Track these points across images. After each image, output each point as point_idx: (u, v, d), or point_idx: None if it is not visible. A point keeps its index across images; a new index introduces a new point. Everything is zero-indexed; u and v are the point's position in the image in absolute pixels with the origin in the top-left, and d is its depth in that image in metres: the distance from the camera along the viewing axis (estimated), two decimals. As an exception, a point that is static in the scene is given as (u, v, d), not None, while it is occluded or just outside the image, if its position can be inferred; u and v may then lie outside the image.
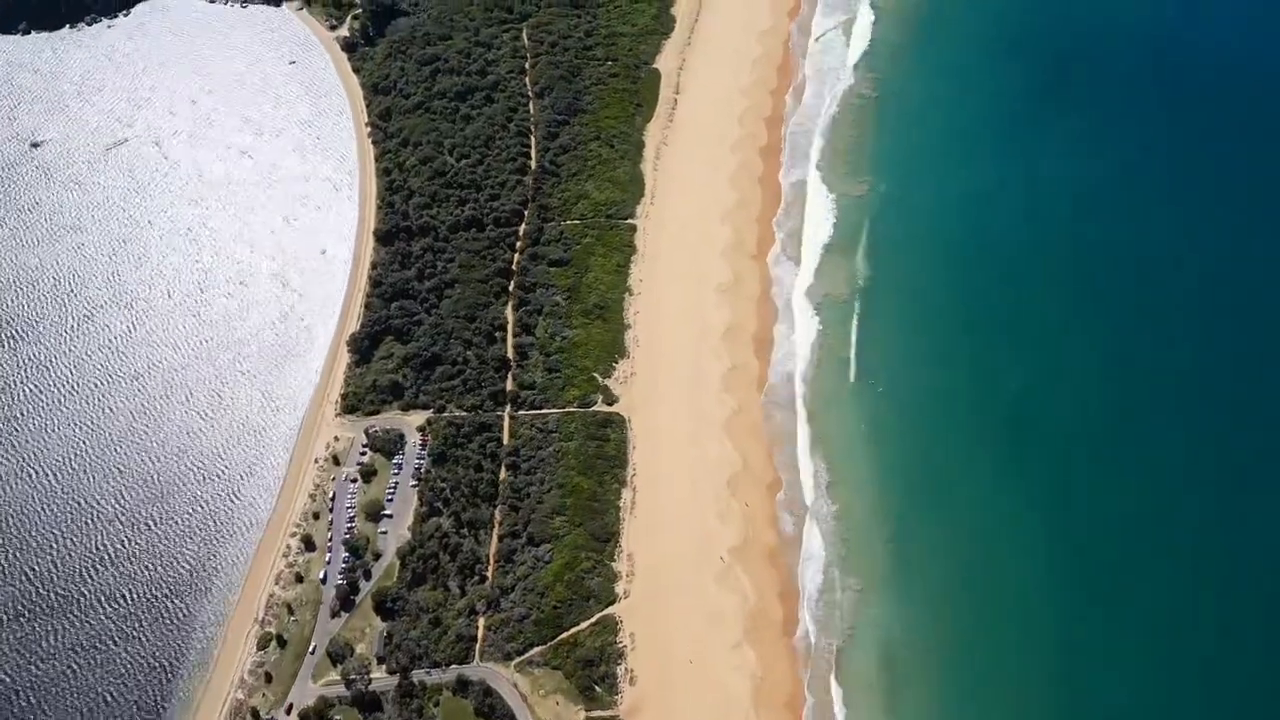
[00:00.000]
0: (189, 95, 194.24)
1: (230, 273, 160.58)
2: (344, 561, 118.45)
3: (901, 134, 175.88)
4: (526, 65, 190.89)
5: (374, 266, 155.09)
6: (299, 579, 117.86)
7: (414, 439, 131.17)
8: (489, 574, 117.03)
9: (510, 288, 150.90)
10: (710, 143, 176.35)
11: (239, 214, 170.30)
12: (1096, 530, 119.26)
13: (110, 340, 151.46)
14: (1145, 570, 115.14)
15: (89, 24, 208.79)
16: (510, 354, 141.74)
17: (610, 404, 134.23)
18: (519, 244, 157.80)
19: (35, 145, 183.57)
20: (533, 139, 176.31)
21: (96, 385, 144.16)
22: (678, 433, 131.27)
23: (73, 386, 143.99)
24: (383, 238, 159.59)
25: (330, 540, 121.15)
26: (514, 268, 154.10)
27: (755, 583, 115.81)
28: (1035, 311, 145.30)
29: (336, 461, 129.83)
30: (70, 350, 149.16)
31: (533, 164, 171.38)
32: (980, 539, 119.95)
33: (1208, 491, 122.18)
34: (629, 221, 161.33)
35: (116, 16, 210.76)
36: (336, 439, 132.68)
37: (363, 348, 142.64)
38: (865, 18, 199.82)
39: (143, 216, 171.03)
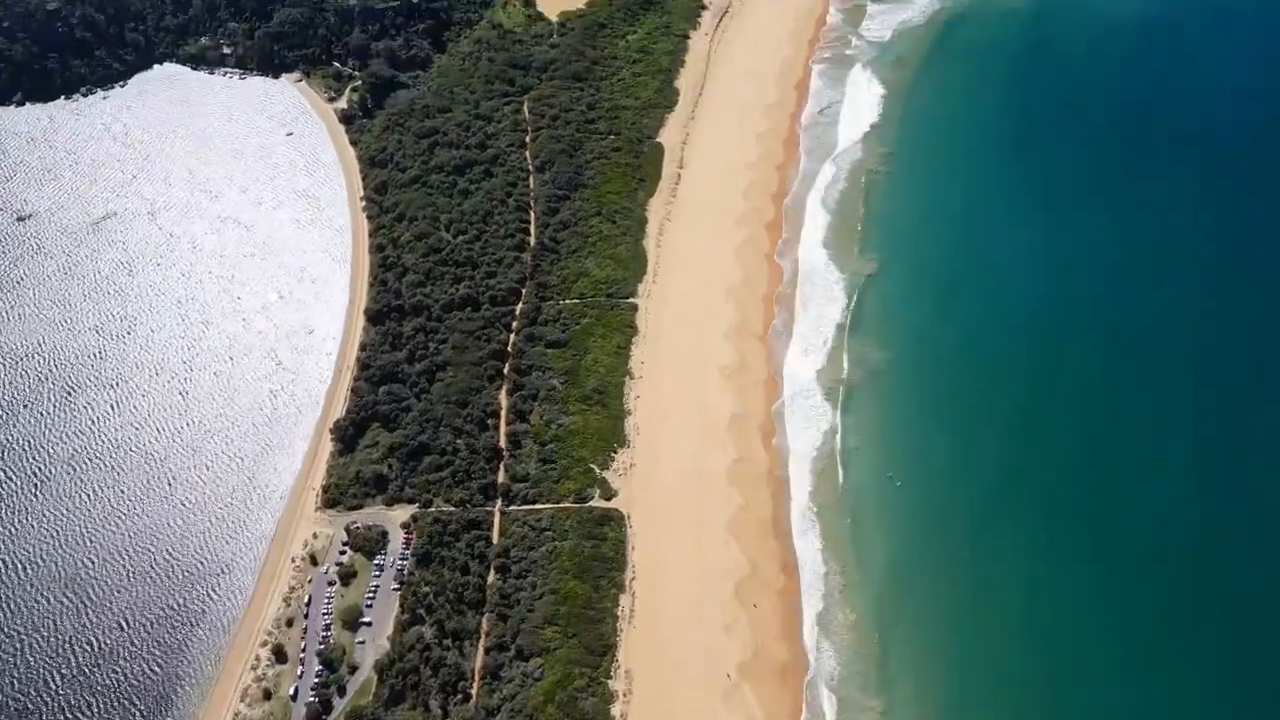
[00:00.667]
0: (186, 166, 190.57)
1: (219, 348, 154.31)
2: (317, 676, 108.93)
3: (912, 210, 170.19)
4: (527, 139, 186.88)
5: (363, 348, 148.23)
6: (267, 695, 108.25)
7: (397, 537, 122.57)
8: (474, 692, 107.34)
9: (505, 370, 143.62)
10: (715, 218, 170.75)
11: (230, 287, 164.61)
12: (1130, 638, 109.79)
13: (91, 422, 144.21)
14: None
15: (84, 95, 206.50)
16: (503, 442, 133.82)
17: (608, 499, 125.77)
18: (515, 324, 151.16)
19: (22, 219, 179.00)
20: (532, 214, 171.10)
21: (70, 473, 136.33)
22: (680, 531, 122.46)
23: (44, 476, 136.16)
24: (374, 317, 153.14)
25: (303, 651, 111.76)
26: (509, 349, 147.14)
27: (765, 704, 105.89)
28: (1055, 396, 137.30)
29: (314, 561, 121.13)
30: (45, 434, 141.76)
31: (532, 240, 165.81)
32: (1012, 651, 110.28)
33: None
34: (630, 300, 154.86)
35: (113, 87, 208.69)
36: (315, 536, 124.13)
37: (347, 436, 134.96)
38: (873, 91, 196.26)
39: (132, 290, 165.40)
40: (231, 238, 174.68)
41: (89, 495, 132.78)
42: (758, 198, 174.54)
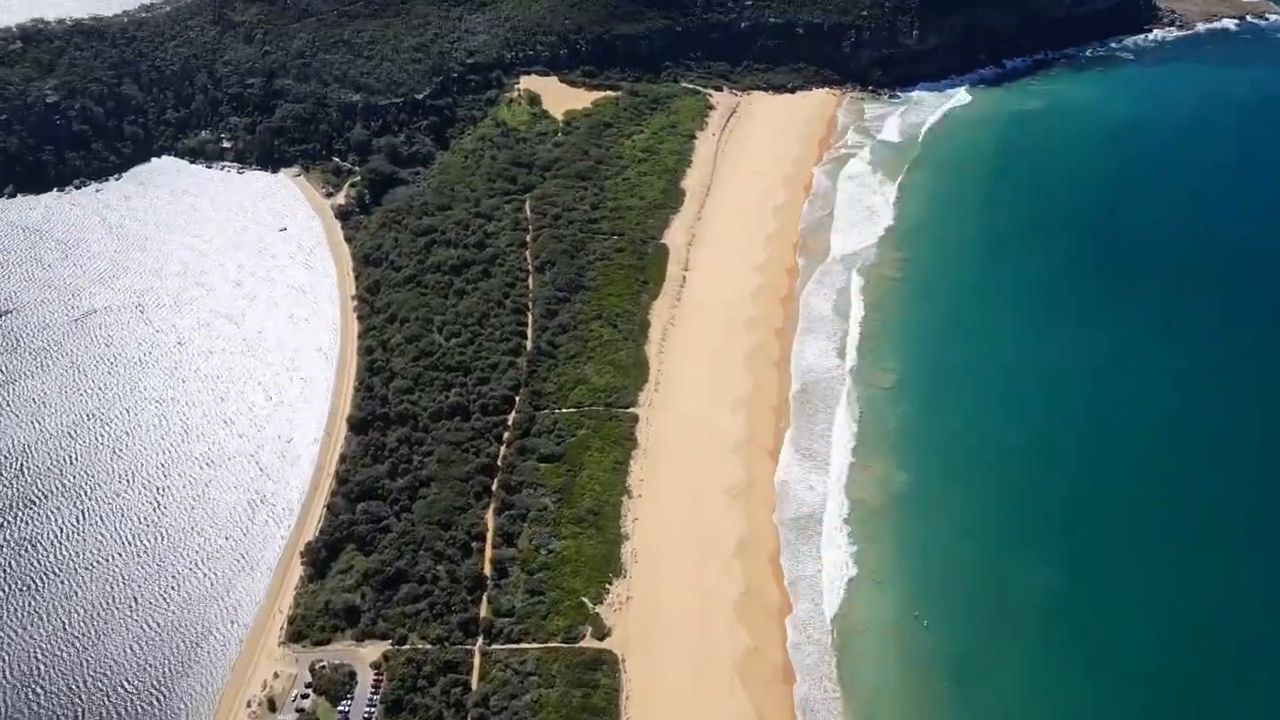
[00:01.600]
0: (178, 258, 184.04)
1: (197, 453, 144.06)
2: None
3: (929, 318, 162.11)
4: (528, 238, 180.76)
5: (343, 459, 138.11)
6: None
7: (367, 678, 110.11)
8: None
9: (493, 487, 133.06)
10: (721, 323, 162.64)
11: (214, 386, 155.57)
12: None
13: (53, 533, 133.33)
14: None
15: (78, 187, 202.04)
16: (487, 569, 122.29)
17: (601, 638, 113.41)
18: (507, 435, 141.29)
19: (2, 314, 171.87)
20: (530, 317, 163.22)
21: (23, 594, 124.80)
22: (681, 677, 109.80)
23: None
24: (356, 426, 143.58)
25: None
26: (499, 463, 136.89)
27: None
28: (1094, 519, 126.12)
29: (272, 706, 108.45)
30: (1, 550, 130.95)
31: (528, 344, 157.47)
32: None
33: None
34: (630, 410, 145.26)
35: (108, 180, 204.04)
36: (277, 675, 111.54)
37: (319, 559, 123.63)
38: (885, 193, 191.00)
39: (113, 388, 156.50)
40: (219, 334, 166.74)
41: (40, 619, 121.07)
42: (766, 302, 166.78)
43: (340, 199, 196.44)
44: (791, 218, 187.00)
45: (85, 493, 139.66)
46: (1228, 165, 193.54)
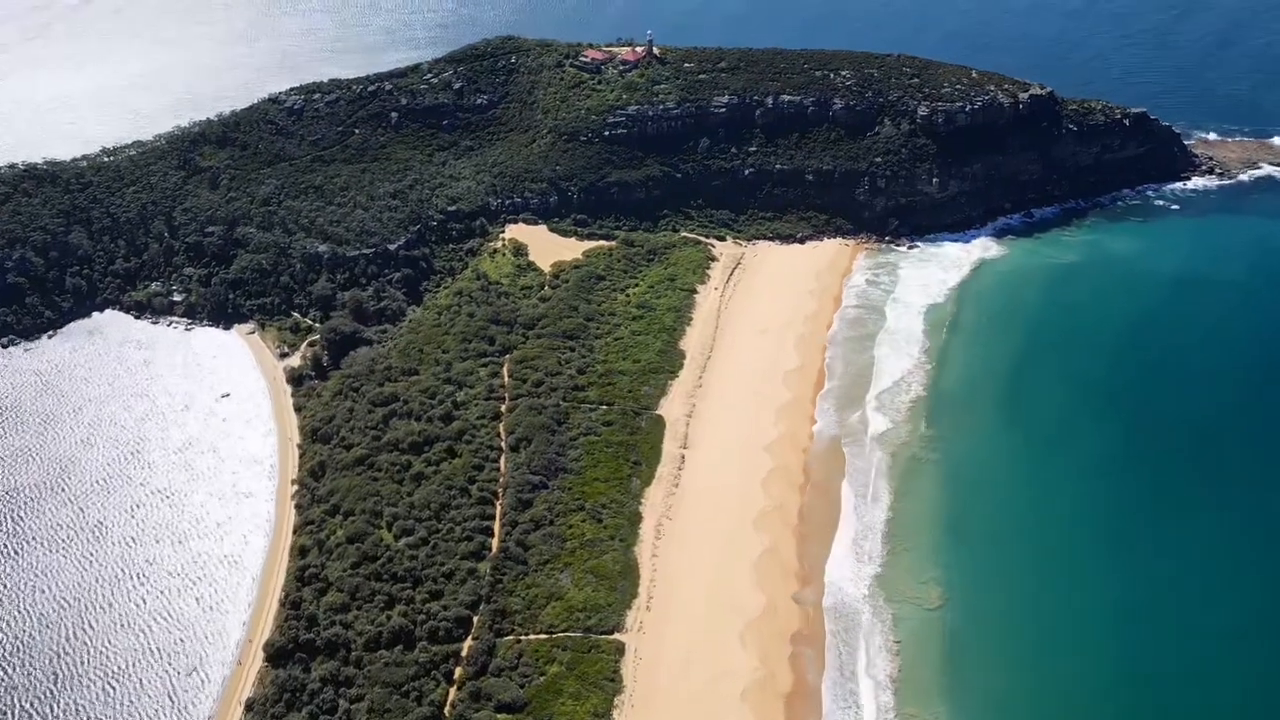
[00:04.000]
0: (106, 428, 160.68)
1: (95, 667, 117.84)
2: None
3: (972, 515, 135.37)
4: (503, 408, 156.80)
5: (249, 709, 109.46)
6: None
7: None
8: None
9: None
10: (726, 517, 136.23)
11: (128, 588, 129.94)
12: None
13: None
14: None
15: (5, 346, 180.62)
16: None
17: None
18: (459, 673, 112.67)
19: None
20: (498, 508, 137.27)
21: None
22: None
23: None
24: (274, 655, 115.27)
25: None
26: (446, 713, 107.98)
27: None
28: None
29: None
30: None
31: (494, 545, 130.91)
32: None
33: None
34: (614, 638, 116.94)
35: (39, 339, 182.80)
36: None
37: None
38: (911, 357, 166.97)
39: (10, 580, 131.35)
40: (144, 519, 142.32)
41: None
42: (780, 490, 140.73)
43: (295, 360, 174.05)
44: (806, 385, 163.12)
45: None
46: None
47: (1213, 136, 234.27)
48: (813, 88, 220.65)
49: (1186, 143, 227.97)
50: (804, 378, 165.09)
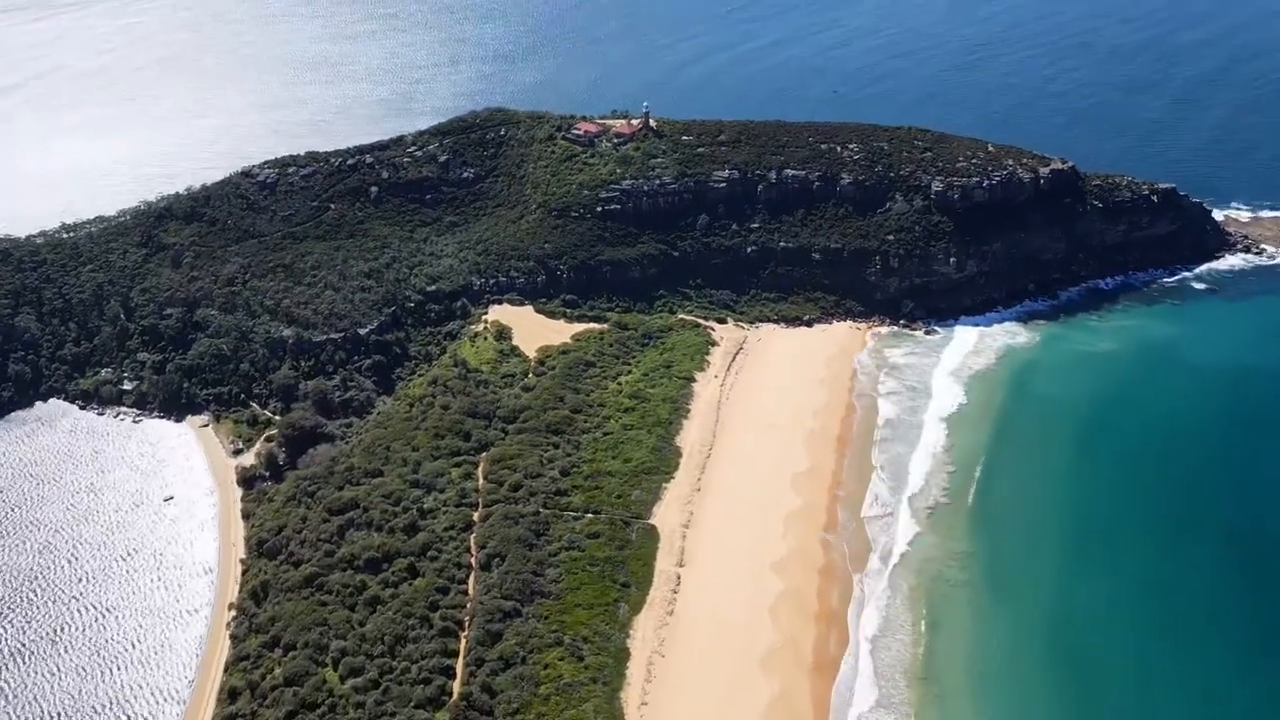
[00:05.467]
0: (35, 534, 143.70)
1: None
2: None
3: (1014, 647, 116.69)
4: (475, 516, 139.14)
5: None
6: None
7: None
8: None
9: None
10: (729, 655, 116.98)
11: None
12: None
13: None
14: None
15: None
16: None
17: None
18: None
19: None
20: (463, 642, 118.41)
21: None
22: None
23: None
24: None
25: None
26: None
27: None
28: None
29: None
30: None
31: (455, 688, 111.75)
32: None
33: None
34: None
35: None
36: None
37: None
38: (936, 457, 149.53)
39: None
40: (71, 643, 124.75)
41: None
42: (790, 620, 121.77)
43: (249, 458, 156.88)
44: (818, 490, 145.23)
45: None
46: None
47: (1244, 213, 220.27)
48: (818, 162, 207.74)
49: (1216, 218, 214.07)
50: (815, 481, 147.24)
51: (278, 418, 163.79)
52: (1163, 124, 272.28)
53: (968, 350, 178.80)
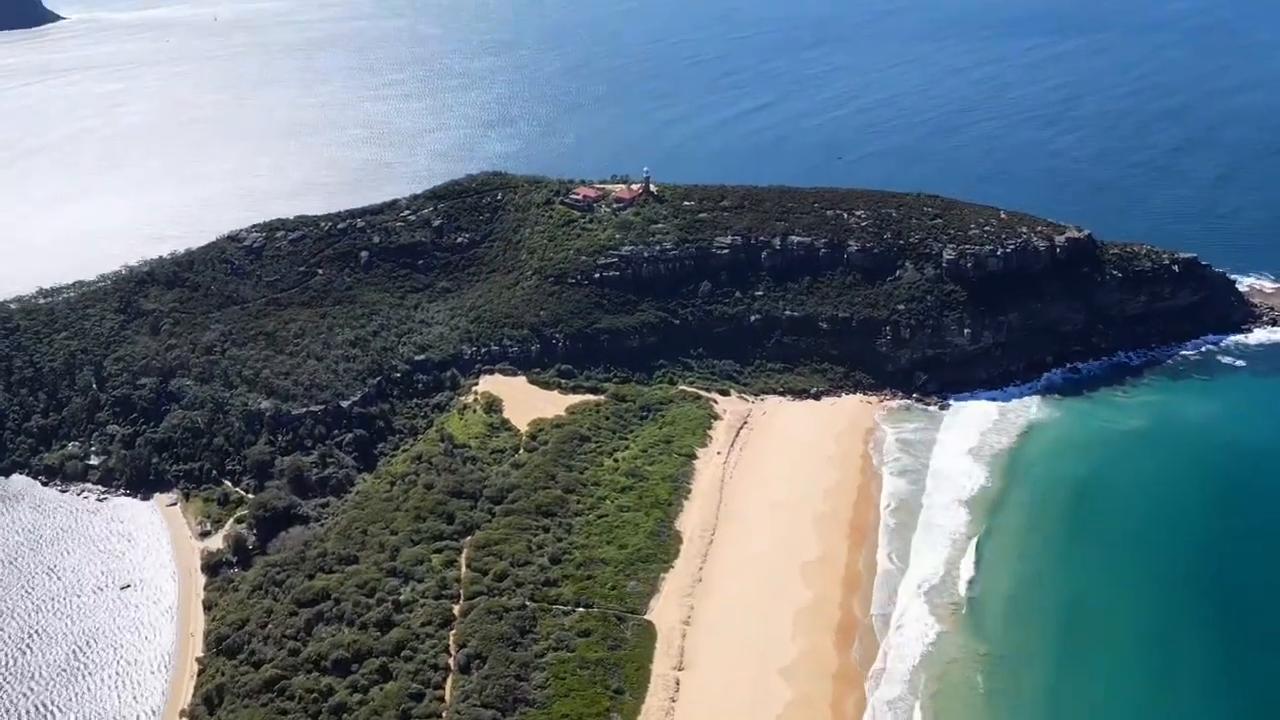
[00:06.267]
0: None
1: None
2: None
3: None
4: (456, 610, 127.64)
5: None
6: None
7: None
8: None
9: None
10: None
11: None
12: None
13: None
14: None
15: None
16: None
17: None
18: None
19: None
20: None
21: None
22: None
23: None
24: None
25: None
26: None
27: None
28: None
29: None
30: None
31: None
32: None
33: None
34: None
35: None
36: None
37: None
38: (957, 546, 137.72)
39: None
40: None
41: None
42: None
43: (217, 541, 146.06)
44: (829, 582, 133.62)
45: None
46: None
47: (1268, 283, 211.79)
48: (824, 228, 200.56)
49: (1240, 288, 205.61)
50: (826, 571, 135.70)
51: (250, 496, 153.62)
52: (1185, 191, 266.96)
53: (986, 427, 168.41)
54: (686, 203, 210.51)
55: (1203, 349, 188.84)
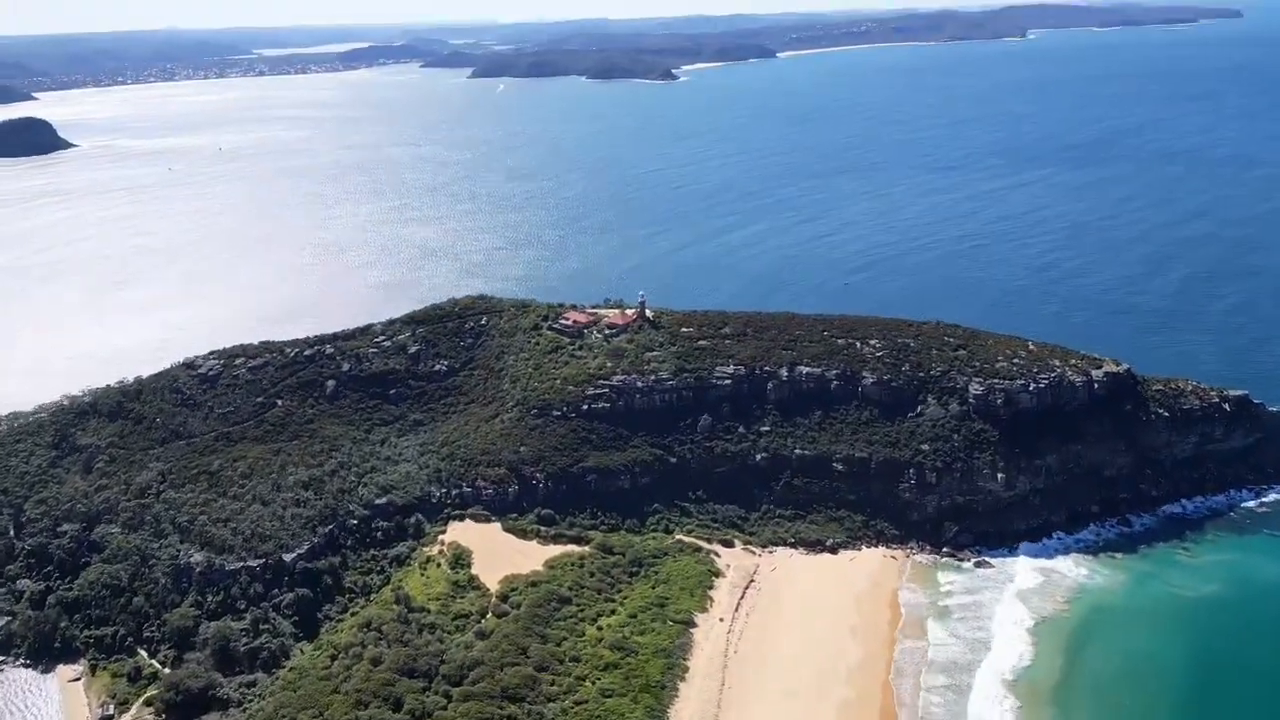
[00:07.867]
0: None
1: None
2: None
3: None
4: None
5: None
6: None
7: None
8: None
9: None
10: None
11: None
12: None
13: None
14: None
15: None
16: None
17: None
18: None
19: None
20: None
21: None
22: None
23: None
24: None
25: None
26: None
27: None
28: None
29: None
30: None
31: None
32: None
33: None
34: None
35: None
36: None
37: None
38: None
39: None
40: None
41: None
42: None
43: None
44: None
45: None
46: None
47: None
48: (836, 358, 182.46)
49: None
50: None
51: (166, 670, 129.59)
52: (1227, 323, 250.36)
53: (1030, 590, 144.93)
54: (684, 329, 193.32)
55: (1267, 498, 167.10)
